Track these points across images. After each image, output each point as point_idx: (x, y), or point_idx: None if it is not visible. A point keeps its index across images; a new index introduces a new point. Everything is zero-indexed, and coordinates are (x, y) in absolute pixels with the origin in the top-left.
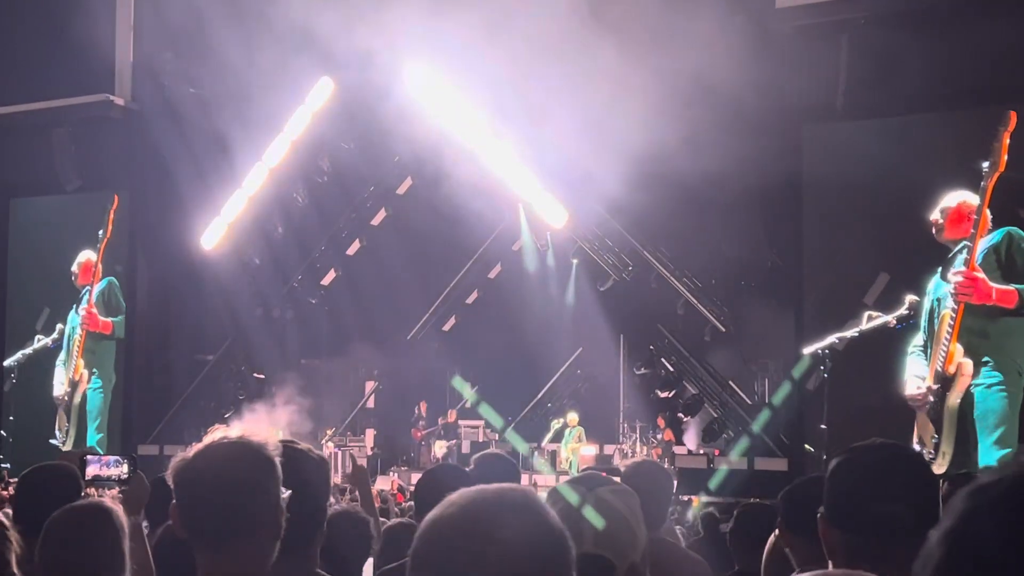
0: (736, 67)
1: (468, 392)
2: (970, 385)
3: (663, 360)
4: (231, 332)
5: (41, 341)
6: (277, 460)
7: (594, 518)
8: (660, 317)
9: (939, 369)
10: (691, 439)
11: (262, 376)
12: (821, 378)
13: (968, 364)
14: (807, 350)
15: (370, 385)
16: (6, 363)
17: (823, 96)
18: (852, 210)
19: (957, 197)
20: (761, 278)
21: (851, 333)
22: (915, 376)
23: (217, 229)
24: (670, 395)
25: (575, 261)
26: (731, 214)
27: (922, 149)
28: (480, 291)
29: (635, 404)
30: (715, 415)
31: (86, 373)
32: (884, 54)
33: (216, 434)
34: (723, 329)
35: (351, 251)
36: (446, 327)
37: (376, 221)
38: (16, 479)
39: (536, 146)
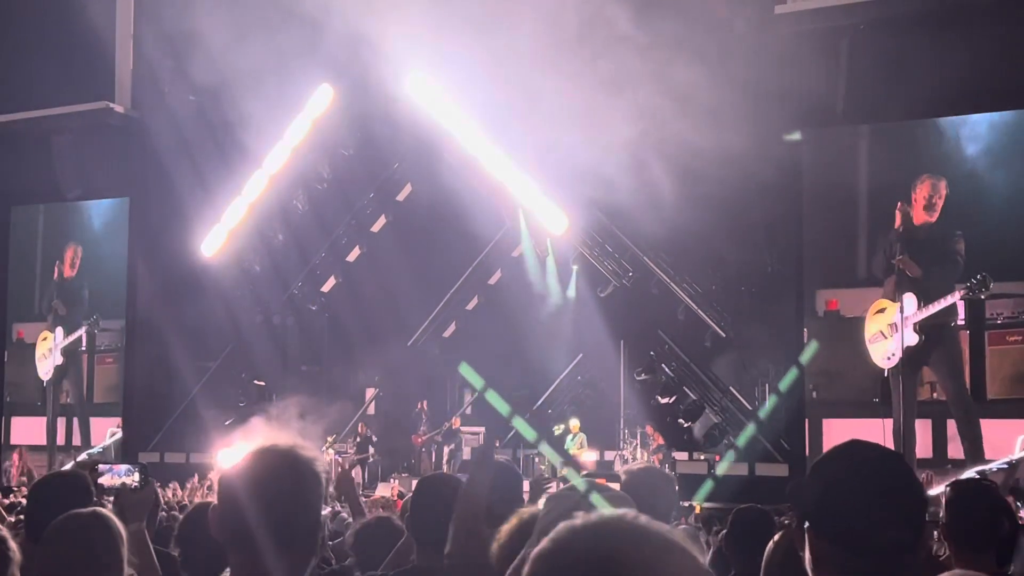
0: (736, 72)
1: (476, 379)
2: None
3: (664, 366)
4: (231, 339)
5: (115, 435)
6: (324, 477)
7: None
8: (661, 323)
9: None
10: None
11: (263, 383)
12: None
13: None
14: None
15: (370, 391)
16: (74, 462)
17: (823, 101)
18: (852, 214)
19: None
20: (761, 283)
21: (999, 465)
22: None
23: (217, 236)
24: (671, 401)
25: (575, 267)
26: (731, 219)
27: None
28: (480, 297)
29: (636, 410)
30: (716, 421)
31: None
32: (883, 59)
33: (266, 440)
34: (723, 335)
35: (351, 258)
36: (446, 333)
37: (376, 228)
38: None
39: (536, 153)
